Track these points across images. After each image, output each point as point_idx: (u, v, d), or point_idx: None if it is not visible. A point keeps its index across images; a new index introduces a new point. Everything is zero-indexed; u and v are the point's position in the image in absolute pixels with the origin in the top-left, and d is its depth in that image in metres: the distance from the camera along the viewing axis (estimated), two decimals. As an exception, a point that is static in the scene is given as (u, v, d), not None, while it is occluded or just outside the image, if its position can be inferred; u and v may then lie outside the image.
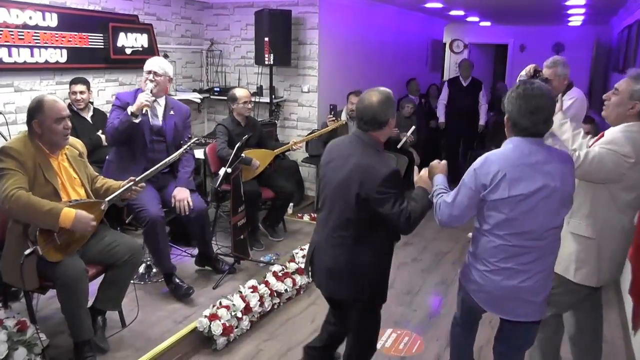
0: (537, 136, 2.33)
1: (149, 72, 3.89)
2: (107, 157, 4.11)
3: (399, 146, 6.09)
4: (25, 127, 3.08)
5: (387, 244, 2.71)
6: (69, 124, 3.07)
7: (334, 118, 5.66)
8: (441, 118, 7.97)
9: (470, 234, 2.60)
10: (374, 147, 2.60)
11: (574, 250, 2.70)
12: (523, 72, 3.25)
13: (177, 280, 3.97)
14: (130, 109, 3.74)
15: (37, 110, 2.97)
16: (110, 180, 3.39)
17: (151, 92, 3.83)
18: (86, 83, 4.88)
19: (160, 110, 4.05)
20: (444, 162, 2.71)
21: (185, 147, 3.79)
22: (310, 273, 2.86)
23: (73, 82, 4.83)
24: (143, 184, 3.31)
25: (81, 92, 4.81)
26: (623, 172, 2.52)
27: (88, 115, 4.88)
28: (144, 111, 3.77)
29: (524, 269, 2.34)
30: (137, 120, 3.76)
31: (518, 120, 2.31)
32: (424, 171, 2.73)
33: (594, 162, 2.53)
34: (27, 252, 2.83)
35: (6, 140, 3.67)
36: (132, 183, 3.23)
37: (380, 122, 2.57)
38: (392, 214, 2.47)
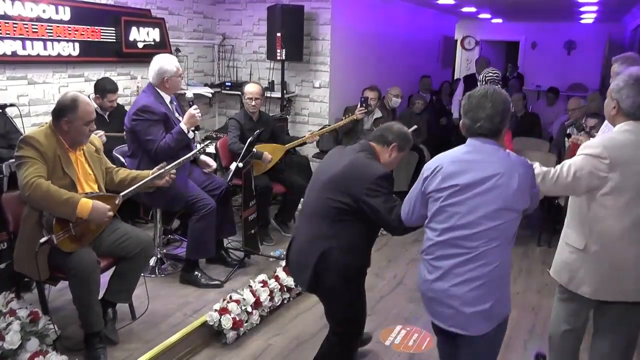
0: (482, 136, 2.26)
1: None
2: (132, 164, 3.94)
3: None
4: (39, 119, 3.10)
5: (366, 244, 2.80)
6: (94, 126, 3.12)
7: (365, 110, 5.58)
8: (456, 114, 7.93)
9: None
10: (370, 152, 2.74)
11: (564, 258, 2.65)
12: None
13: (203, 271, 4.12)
14: (184, 127, 3.87)
15: (70, 110, 2.98)
16: (135, 170, 3.45)
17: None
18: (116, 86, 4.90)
19: (174, 106, 4.13)
20: None
21: (205, 143, 4.03)
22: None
23: (108, 91, 4.73)
24: (174, 171, 3.43)
25: (116, 100, 4.85)
26: (603, 175, 2.38)
27: (106, 114, 4.85)
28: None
29: (455, 271, 2.21)
30: (192, 136, 3.99)
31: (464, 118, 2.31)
32: None
33: (570, 172, 2.41)
34: (42, 240, 2.86)
35: (21, 133, 3.69)
36: (162, 170, 3.32)
37: (385, 140, 2.79)
38: (384, 209, 2.55)
